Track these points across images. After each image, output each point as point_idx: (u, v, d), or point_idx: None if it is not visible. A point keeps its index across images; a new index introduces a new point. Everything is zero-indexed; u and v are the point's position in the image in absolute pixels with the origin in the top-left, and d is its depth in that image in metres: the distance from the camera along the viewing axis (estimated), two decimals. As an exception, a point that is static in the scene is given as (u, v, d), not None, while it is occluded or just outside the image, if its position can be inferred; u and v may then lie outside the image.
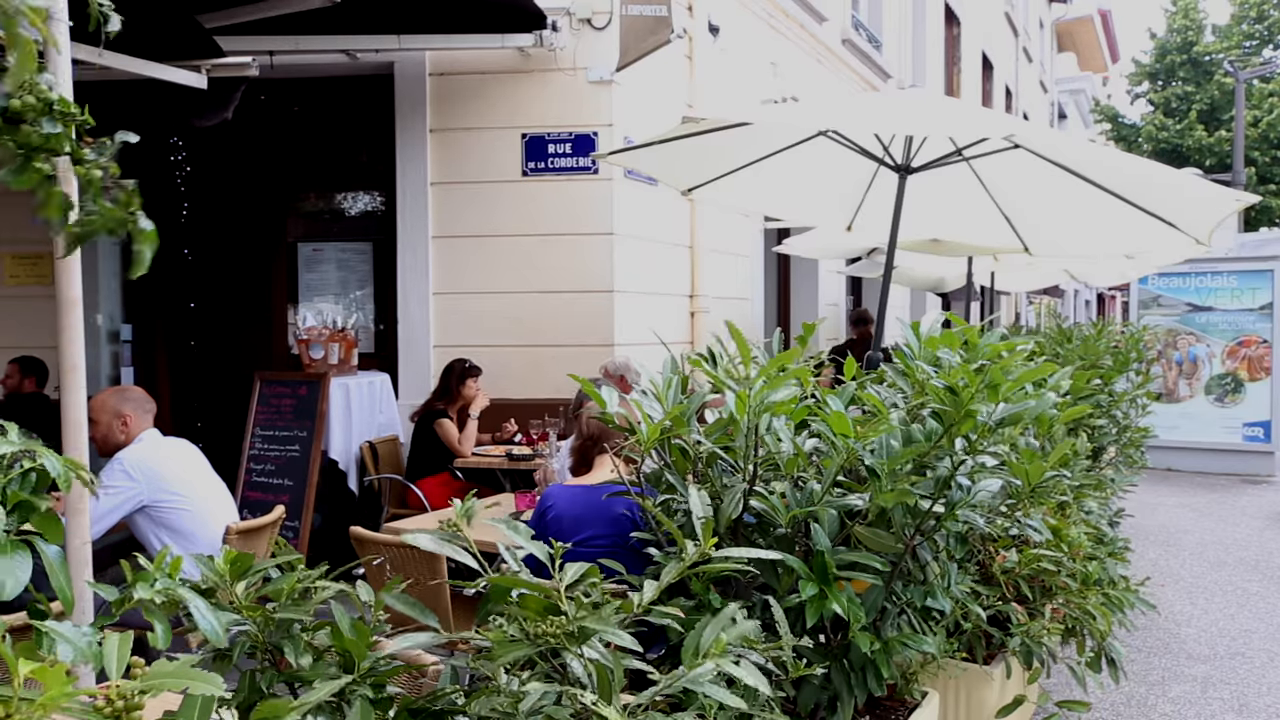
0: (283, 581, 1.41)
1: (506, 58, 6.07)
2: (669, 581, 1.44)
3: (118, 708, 0.79)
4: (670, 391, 2.02)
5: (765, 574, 2.00)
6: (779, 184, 5.28)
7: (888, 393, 2.34)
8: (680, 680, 1.28)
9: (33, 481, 1.04)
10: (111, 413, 3.44)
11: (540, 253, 6.08)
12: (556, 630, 1.26)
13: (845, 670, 1.95)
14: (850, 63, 10.26)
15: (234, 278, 6.79)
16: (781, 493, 1.92)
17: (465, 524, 1.42)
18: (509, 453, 5.47)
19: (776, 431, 2.01)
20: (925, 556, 2.01)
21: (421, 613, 1.40)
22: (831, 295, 10.31)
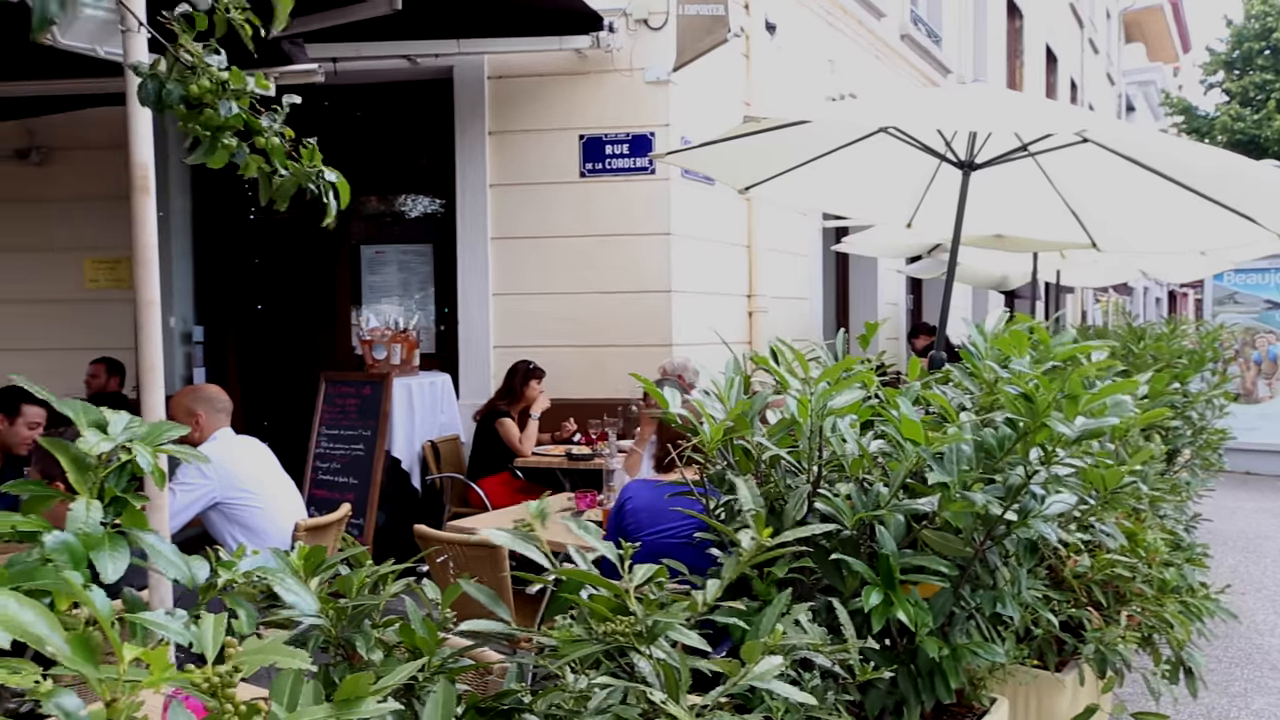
0: (353, 576, 1.44)
1: (564, 59, 6.11)
2: (731, 578, 1.43)
3: (214, 684, 0.82)
4: (733, 391, 2.01)
5: (830, 576, 1.98)
6: (837, 181, 5.22)
7: (954, 393, 2.29)
8: (746, 678, 1.27)
9: (128, 476, 1.08)
10: (184, 411, 3.55)
11: (598, 253, 6.11)
12: (625, 629, 1.26)
13: (912, 675, 1.92)
14: (909, 58, 10.11)
15: (299, 280, 6.94)
16: (847, 494, 1.90)
17: (539, 523, 1.43)
18: (568, 452, 5.50)
19: (841, 432, 1.99)
20: (995, 561, 1.97)
21: (493, 601, 1.41)
22: (891, 294, 10.17)
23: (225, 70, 2.10)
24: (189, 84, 2.03)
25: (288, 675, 0.94)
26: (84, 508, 1.05)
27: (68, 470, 1.09)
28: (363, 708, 0.91)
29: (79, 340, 6.68)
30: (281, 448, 4.11)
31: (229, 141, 2.09)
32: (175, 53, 2.08)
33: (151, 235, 2.59)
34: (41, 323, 6.86)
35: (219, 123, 2.01)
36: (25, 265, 6.88)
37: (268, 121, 2.13)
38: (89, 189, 6.71)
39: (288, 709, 0.90)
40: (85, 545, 1.02)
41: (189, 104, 1.83)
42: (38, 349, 6.78)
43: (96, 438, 1.09)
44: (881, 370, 2.34)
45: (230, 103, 2.05)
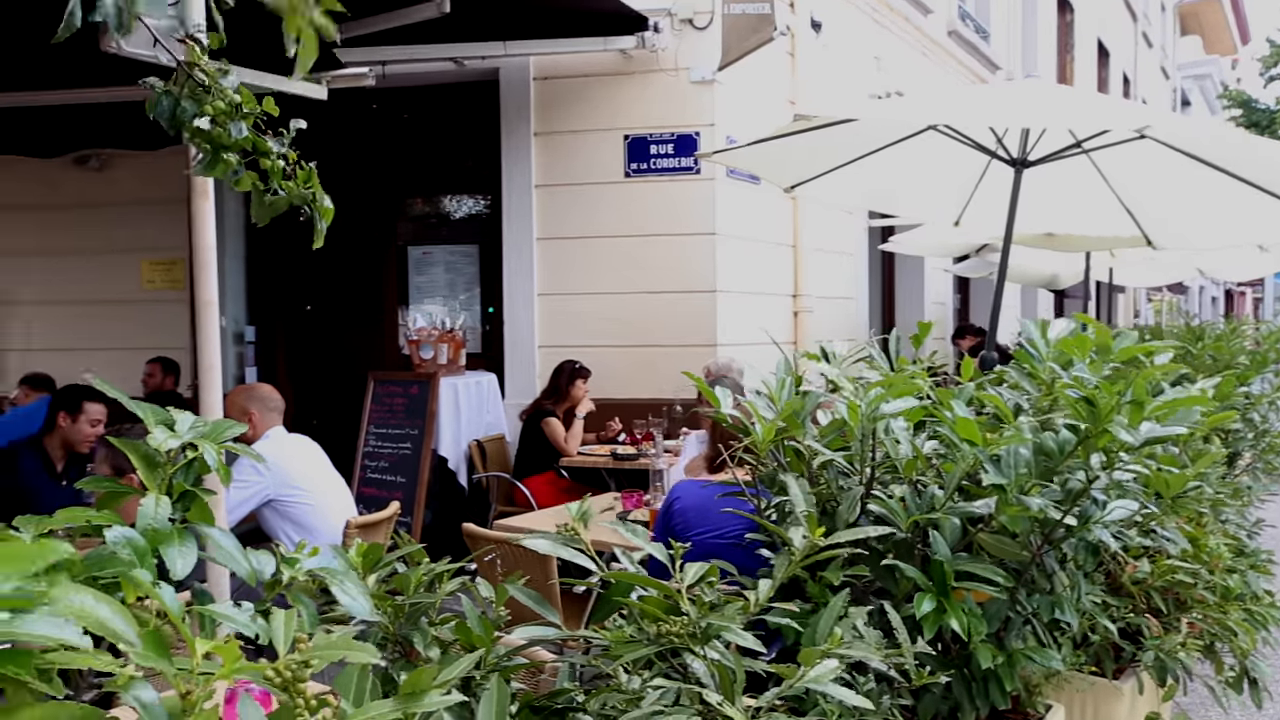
0: (410, 574, 1.45)
1: (609, 60, 6.12)
2: (783, 579, 1.42)
3: (286, 678, 0.83)
4: (784, 392, 2.00)
5: (883, 579, 1.95)
6: (885, 180, 5.17)
7: (1010, 395, 2.26)
8: (802, 680, 1.26)
9: (195, 472, 1.10)
10: (238, 409, 3.61)
11: (643, 253, 6.11)
12: (680, 630, 1.26)
13: (966, 681, 1.89)
14: (957, 55, 9.98)
15: (348, 281, 7.04)
16: (901, 496, 1.88)
17: (582, 527, 1.43)
18: (614, 452, 5.51)
19: (895, 434, 1.96)
20: (1052, 566, 1.93)
21: (543, 606, 1.42)
22: (938, 294, 10.04)
23: (237, 91, 2.11)
24: (204, 104, 2.05)
25: (353, 670, 0.95)
26: (153, 503, 1.07)
27: (138, 467, 1.12)
28: (426, 701, 0.92)
29: (136, 340, 6.85)
30: (330, 446, 4.17)
31: (229, 158, 2.10)
32: (187, 71, 2.11)
33: (210, 237, 2.64)
34: (101, 323, 7.05)
35: (227, 142, 2.03)
36: (86, 267, 7.07)
37: (276, 145, 2.15)
38: (146, 193, 6.88)
39: (354, 703, 0.91)
40: (154, 540, 1.04)
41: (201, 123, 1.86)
42: (97, 348, 6.96)
43: (165, 435, 1.11)
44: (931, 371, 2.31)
45: (241, 124, 2.06)
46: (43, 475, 4.05)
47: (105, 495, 1.13)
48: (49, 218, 7.15)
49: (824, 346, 2.31)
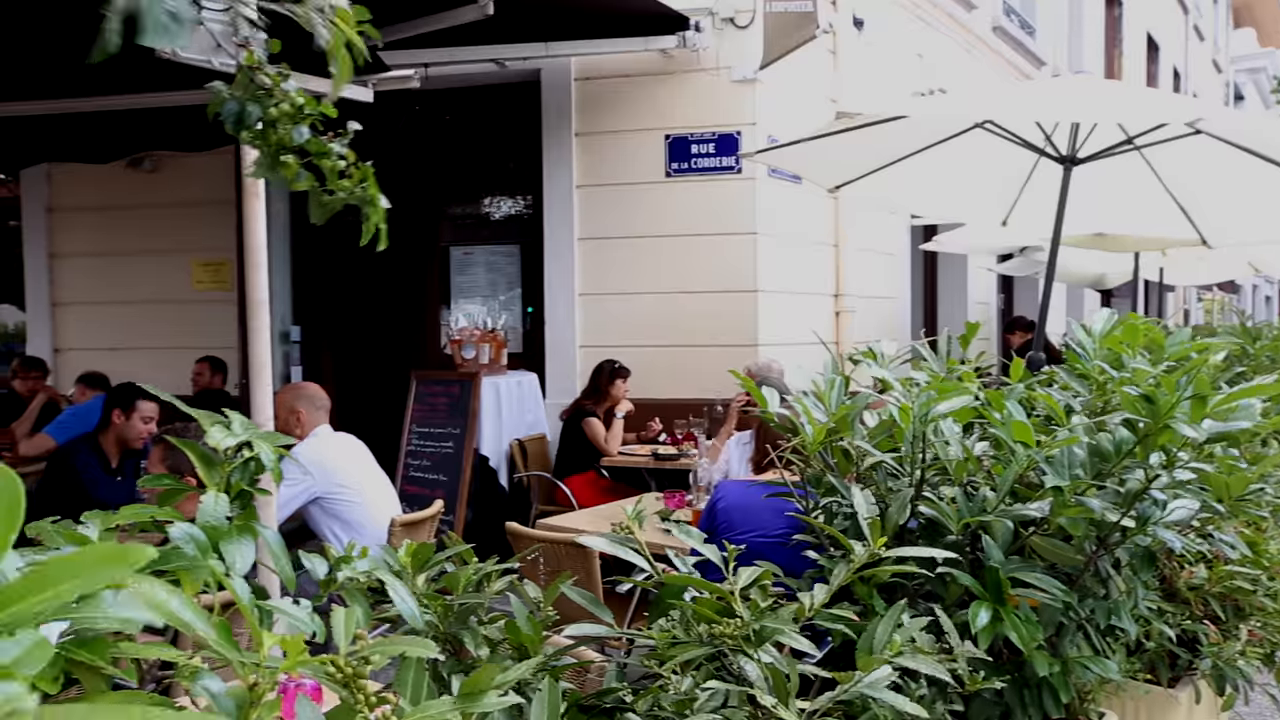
0: (460, 574, 1.46)
1: (650, 60, 6.12)
2: (839, 585, 1.40)
3: (348, 674, 0.84)
4: (833, 392, 1.98)
5: (931, 582, 1.93)
6: (930, 179, 5.11)
7: (1060, 395, 2.21)
8: (858, 686, 1.24)
9: (251, 472, 1.11)
10: (287, 408, 3.66)
11: (684, 253, 6.10)
12: (734, 632, 1.25)
13: (1019, 687, 1.85)
14: (1002, 51, 9.83)
15: (391, 281, 7.12)
16: (951, 498, 1.85)
17: (637, 526, 1.43)
18: (654, 452, 5.51)
19: (945, 435, 1.93)
20: (1107, 570, 1.89)
21: (594, 604, 1.42)
22: (981, 294, 9.90)
23: (299, 95, 2.14)
24: (267, 107, 2.08)
25: (410, 668, 0.96)
26: (213, 501, 1.09)
27: (197, 465, 1.14)
28: (484, 702, 0.93)
29: (185, 339, 6.98)
30: (373, 445, 4.21)
31: (288, 159, 2.13)
32: (249, 75, 2.14)
33: (261, 237, 2.68)
34: (152, 323, 7.19)
35: (290, 144, 2.05)
36: (138, 268, 7.22)
37: (338, 147, 2.17)
38: (195, 194, 7.00)
39: (411, 701, 0.92)
40: (213, 537, 1.06)
41: (264, 125, 1.89)
42: (149, 347, 7.11)
43: (223, 435, 1.13)
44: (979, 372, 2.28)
45: (303, 128, 2.10)
46: (99, 471, 4.14)
47: (166, 493, 1.15)
48: (103, 220, 7.32)
49: (872, 346, 2.29)
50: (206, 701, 0.80)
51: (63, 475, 4.11)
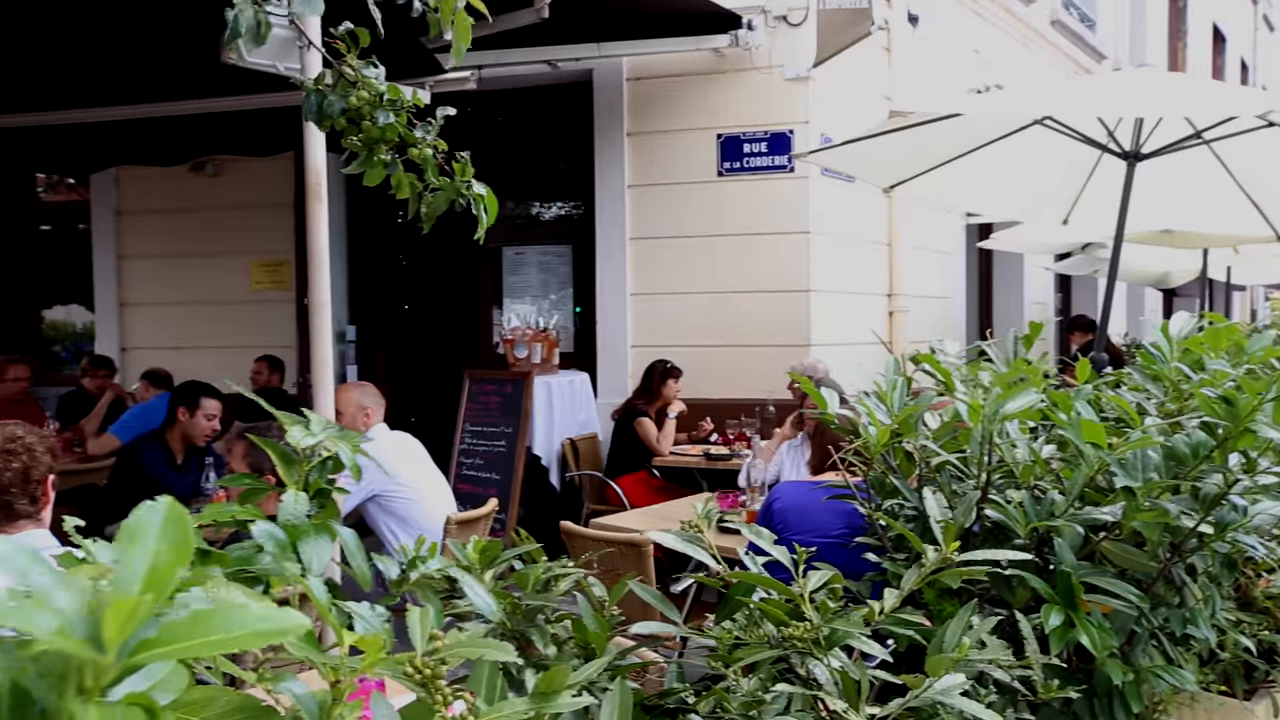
0: (529, 572, 1.47)
1: (702, 59, 6.11)
2: (911, 589, 1.39)
3: (426, 675, 0.85)
4: (895, 393, 1.96)
5: (998, 587, 1.89)
6: (987, 178, 5.02)
7: (1132, 396, 2.16)
8: (929, 691, 1.23)
9: (329, 470, 1.13)
10: (355, 405, 3.73)
11: (736, 253, 6.08)
12: (804, 635, 1.25)
13: (1089, 697, 1.81)
14: (1060, 45, 9.63)
15: (444, 281, 7.20)
16: (1019, 502, 1.82)
17: (707, 526, 1.43)
18: (706, 452, 5.50)
19: (1011, 437, 1.90)
20: (1181, 577, 1.84)
21: (662, 603, 1.42)
22: (1038, 293, 9.71)
23: (383, 84, 2.19)
24: (349, 97, 2.13)
25: (484, 667, 0.97)
26: (293, 499, 1.11)
27: (277, 464, 1.16)
28: (559, 701, 0.93)
29: (244, 339, 7.13)
30: (427, 443, 4.27)
31: (384, 155, 2.18)
32: (339, 67, 2.19)
33: (324, 239, 2.73)
34: (213, 323, 7.36)
35: (376, 135, 2.10)
36: (200, 269, 7.40)
37: (422, 133, 2.21)
38: (256, 197, 7.16)
39: (486, 700, 0.93)
40: (293, 536, 1.08)
41: (349, 117, 1.93)
42: (210, 347, 7.28)
43: (302, 434, 1.15)
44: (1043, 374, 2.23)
45: (387, 113, 2.14)
46: (165, 467, 4.25)
47: (247, 491, 1.17)
48: (168, 222, 7.51)
49: (933, 346, 2.26)
50: (290, 702, 0.81)
51: (131, 471, 4.23)
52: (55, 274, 8.28)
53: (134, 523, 0.65)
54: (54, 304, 8.42)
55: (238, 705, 0.75)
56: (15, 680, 0.64)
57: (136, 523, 0.65)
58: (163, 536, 0.65)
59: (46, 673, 0.63)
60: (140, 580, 0.63)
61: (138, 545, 0.64)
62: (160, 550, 0.64)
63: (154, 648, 0.60)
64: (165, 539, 0.65)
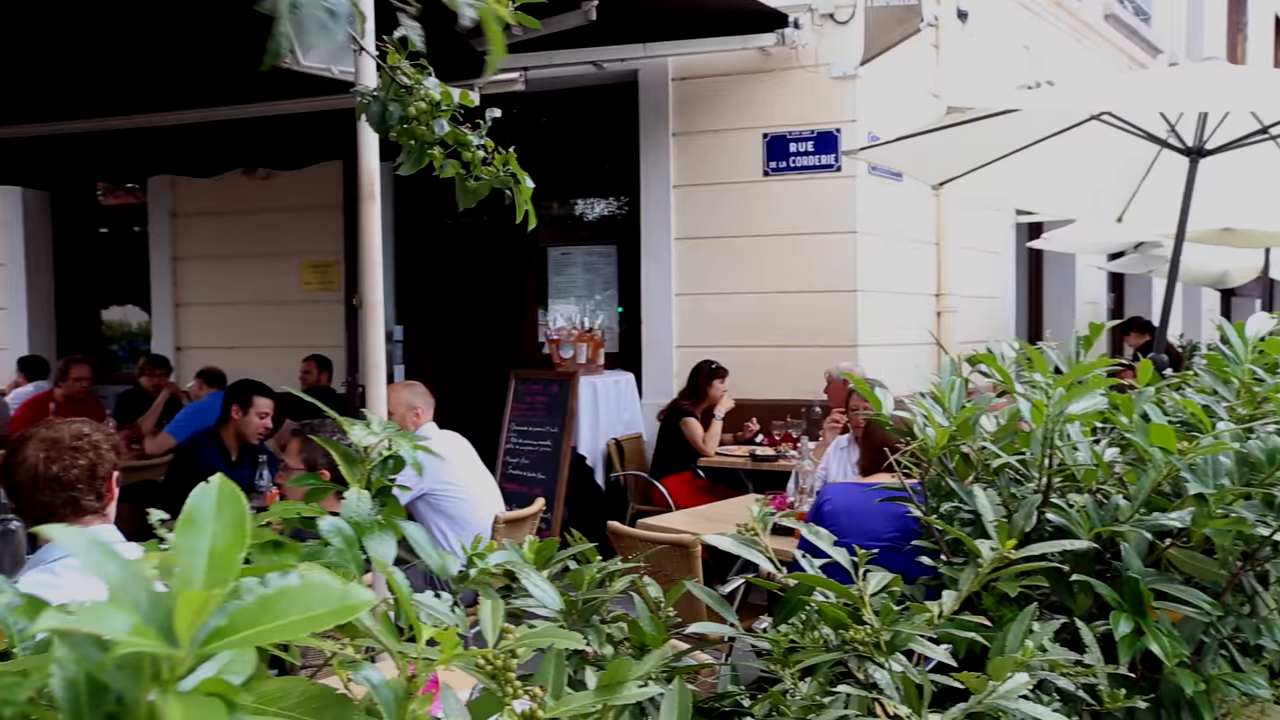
0: (584, 571, 1.47)
1: (748, 58, 6.08)
2: (969, 590, 1.36)
3: (498, 667, 0.85)
4: (953, 394, 1.92)
5: (1059, 593, 1.85)
6: (1039, 175, 4.94)
7: (1199, 398, 2.10)
8: (992, 696, 1.20)
9: (390, 469, 1.14)
10: (406, 405, 3.76)
11: (782, 252, 6.04)
12: (865, 638, 1.23)
13: (1156, 707, 1.77)
14: (1114, 39, 9.43)
15: (489, 281, 7.25)
16: (1081, 506, 1.78)
17: (762, 529, 1.41)
18: (752, 453, 5.47)
19: (1072, 439, 1.86)
20: (1253, 586, 1.79)
21: (721, 605, 1.41)
22: (1090, 293, 9.52)
23: (437, 90, 2.21)
24: (407, 105, 2.16)
25: (551, 660, 0.97)
26: (355, 497, 1.12)
27: (339, 462, 1.17)
28: (624, 693, 0.93)
29: (294, 339, 7.25)
30: (473, 443, 4.30)
31: (434, 153, 2.21)
32: (392, 74, 2.22)
33: (377, 240, 2.76)
34: (264, 322, 7.50)
35: (430, 139, 2.13)
36: (252, 270, 7.54)
37: (475, 138, 2.23)
38: (306, 199, 7.27)
39: (553, 694, 0.93)
40: (358, 532, 1.09)
41: (406, 123, 1.97)
42: (261, 346, 7.41)
43: (364, 433, 1.16)
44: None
45: (443, 122, 2.16)
46: (220, 464, 4.33)
47: (313, 490, 1.19)
48: (222, 224, 7.66)
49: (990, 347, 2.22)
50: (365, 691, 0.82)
51: (187, 468, 4.32)
52: (113, 275, 8.49)
53: (190, 508, 0.65)
54: (111, 305, 8.64)
55: (313, 695, 0.75)
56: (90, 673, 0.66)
57: (192, 508, 0.65)
58: (219, 517, 0.65)
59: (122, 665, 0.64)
60: (203, 566, 0.63)
61: (196, 530, 0.64)
62: (218, 531, 0.65)
63: (226, 636, 0.60)
64: (221, 519, 0.65)
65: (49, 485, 2.14)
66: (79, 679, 0.63)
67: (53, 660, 0.64)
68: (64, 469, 2.14)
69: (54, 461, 2.14)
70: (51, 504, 2.14)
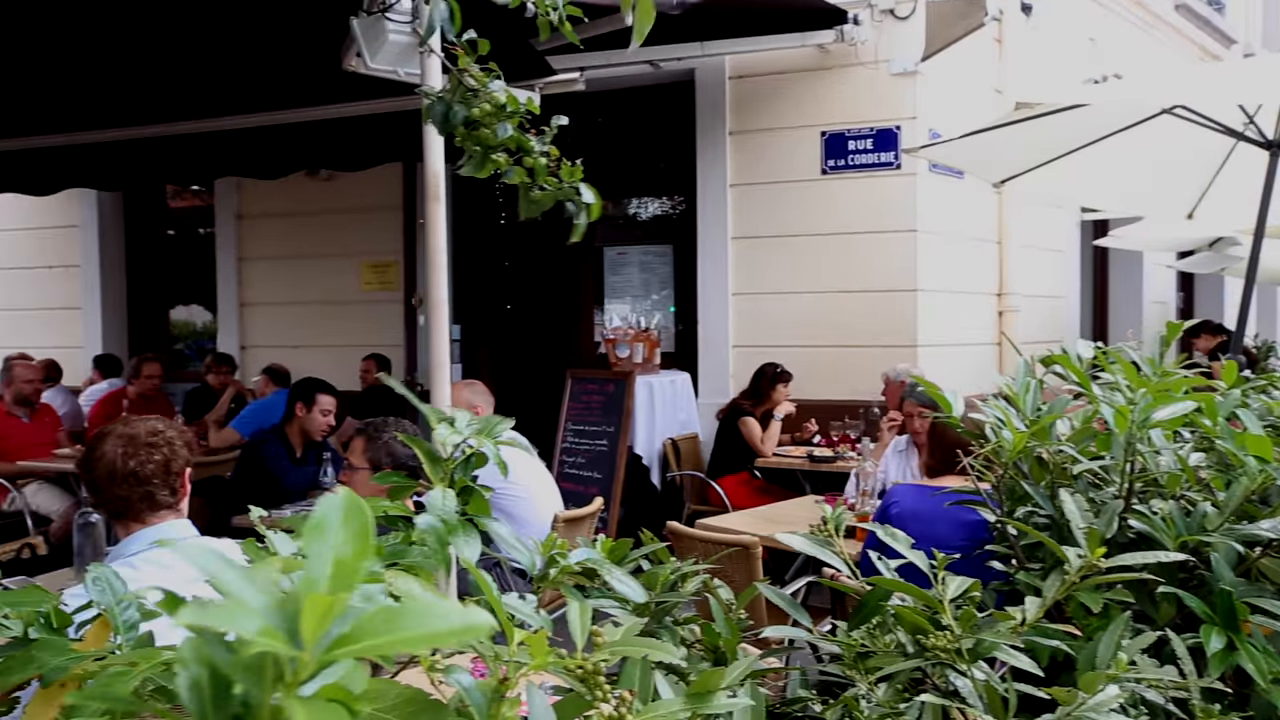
0: (658, 572, 1.46)
1: (806, 56, 6.03)
2: (1055, 598, 1.33)
3: (589, 671, 0.85)
4: (1029, 397, 1.88)
5: (1141, 602, 1.80)
6: (1106, 171, 4.82)
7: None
8: (1082, 708, 1.17)
9: (472, 467, 1.15)
10: (466, 403, 3.80)
11: (840, 252, 5.98)
12: (946, 645, 1.21)
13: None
14: (1185, 30, 9.15)
15: (545, 281, 7.30)
16: (1166, 514, 1.72)
17: (836, 531, 1.40)
18: (810, 454, 5.42)
19: (1155, 444, 1.80)
20: (1349, 596, 1.72)
21: (794, 608, 1.40)
22: (1158, 293, 9.25)
23: (502, 93, 2.23)
24: (472, 107, 2.17)
25: (635, 666, 0.96)
26: (440, 496, 1.13)
27: (423, 461, 1.18)
28: (715, 702, 0.92)
29: (355, 338, 7.38)
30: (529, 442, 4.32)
31: (498, 158, 2.22)
32: (459, 76, 2.24)
33: (442, 240, 2.78)
34: (326, 321, 7.64)
35: (494, 143, 2.14)
36: (314, 270, 7.69)
37: (538, 144, 2.24)
38: (366, 200, 7.39)
39: (641, 699, 0.92)
40: (445, 530, 1.10)
41: (469, 125, 1.98)
42: (323, 345, 7.55)
43: (448, 432, 1.17)
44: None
45: (506, 125, 2.17)
46: (285, 461, 4.42)
47: (395, 488, 1.20)
48: (285, 225, 7.83)
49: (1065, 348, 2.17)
50: (454, 692, 0.82)
51: (254, 464, 4.41)
52: (181, 276, 8.72)
53: (318, 516, 0.66)
54: (177, 304, 8.88)
55: (409, 698, 0.76)
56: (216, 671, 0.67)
57: (319, 516, 0.66)
58: (345, 527, 0.66)
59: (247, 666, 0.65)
60: (329, 573, 0.64)
61: (323, 538, 0.65)
62: (343, 541, 0.66)
63: (349, 644, 0.61)
64: (347, 529, 0.66)
65: (126, 480, 2.19)
66: (204, 677, 0.65)
67: (178, 657, 0.65)
68: (140, 464, 2.20)
69: (130, 457, 2.20)
70: (129, 498, 2.20)
